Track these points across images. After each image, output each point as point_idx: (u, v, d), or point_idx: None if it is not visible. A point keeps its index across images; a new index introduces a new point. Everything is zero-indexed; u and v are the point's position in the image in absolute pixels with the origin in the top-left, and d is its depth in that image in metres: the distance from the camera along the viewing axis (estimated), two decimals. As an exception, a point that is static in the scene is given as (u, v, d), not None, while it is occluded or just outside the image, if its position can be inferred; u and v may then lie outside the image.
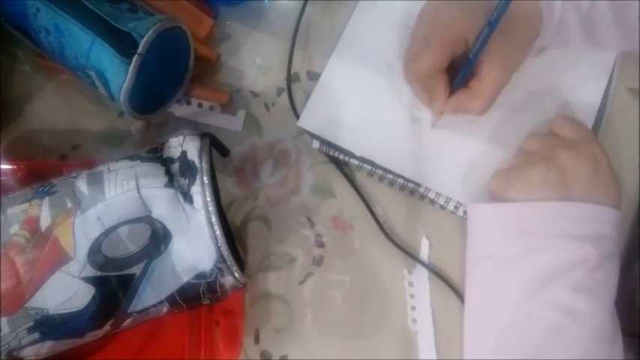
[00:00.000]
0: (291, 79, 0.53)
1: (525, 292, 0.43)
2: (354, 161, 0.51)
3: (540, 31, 0.47)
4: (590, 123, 0.51)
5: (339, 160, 0.51)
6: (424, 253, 0.51)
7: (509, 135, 0.50)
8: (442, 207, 0.50)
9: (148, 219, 0.38)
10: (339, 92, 0.52)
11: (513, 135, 0.50)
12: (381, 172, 0.50)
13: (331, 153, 0.51)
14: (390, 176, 0.50)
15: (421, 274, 0.50)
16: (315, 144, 0.51)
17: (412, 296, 0.50)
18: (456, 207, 0.50)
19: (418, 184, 0.50)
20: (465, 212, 0.49)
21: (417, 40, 0.47)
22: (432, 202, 0.51)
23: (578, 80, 0.52)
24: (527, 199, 0.44)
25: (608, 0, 0.45)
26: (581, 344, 0.41)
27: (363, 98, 0.52)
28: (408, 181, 0.50)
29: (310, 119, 0.51)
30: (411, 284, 0.50)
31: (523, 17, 0.45)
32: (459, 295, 0.49)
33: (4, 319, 0.36)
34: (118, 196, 0.38)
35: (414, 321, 0.49)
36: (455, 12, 0.45)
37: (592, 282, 0.42)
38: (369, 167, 0.51)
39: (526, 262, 0.43)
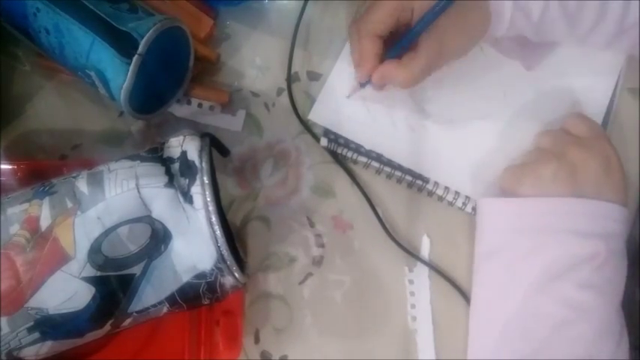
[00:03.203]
0: (291, 78, 0.53)
1: (532, 287, 0.43)
2: (361, 158, 0.51)
3: (487, 30, 0.46)
4: (598, 122, 0.51)
5: (345, 157, 0.51)
6: (425, 251, 0.51)
7: (519, 132, 0.51)
8: (450, 203, 0.51)
9: (148, 219, 0.38)
10: (349, 86, 0.52)
11: (524, 132, 0.51)
12: (389, 169, 0.51)
13: (339, 150, 0.51)
14: (398, 173, 0.51)
15: (422, 272, 0.50)
16: (323, 141, 0.51)
17: (412, 294, 0.50)
18: (464, 203, 0.50)
19: (426, 180, 0.50)
20: (473, 209, 0.50)
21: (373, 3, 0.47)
22: (440, 198, 0.51)
23: (587, 80, 0.52)
24: (537, 195, 0.44)
25: (560, 7, 0.45)
26: (587, 340, 0.42)
27: (373, 93, 0.52)
28: (417, 176, 0.50)
29: (321, 112, 0.52)
30: (411, 282, 0.50)
31: (474, 11, 0.45)
32: (461, 292, 0.49)
33: (4, 319, 0.36)
34: (118, 196, 0.38)
35: (414, 319, 0.49)
36: None
37: (599, 278, 0.42)
38: (376, 165, 0.51)
39: (534, 258, 0.44)
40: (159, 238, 0.38)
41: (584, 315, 0.42)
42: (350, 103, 0.52)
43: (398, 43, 0.46)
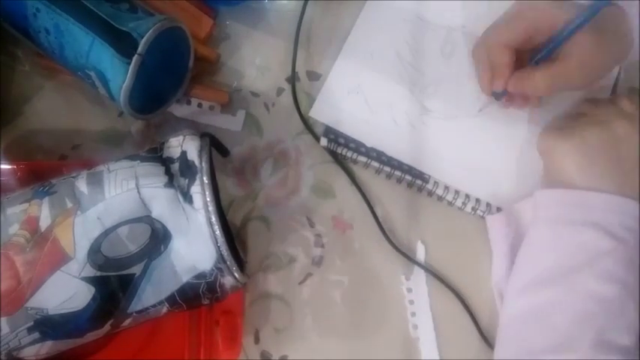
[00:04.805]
0: (292, 78, 0.53)
1: (552, 278, 0.42)
2: (361, 158, 0.51)
3: (628, 53, 0.47)
4: None
5: (345, 157, 0.51)
6: (420, 257, 0.51)
7: (519, 130, 0.51)
8: (450, 203, 0.51)
9: (147, 219, 0.38)
10: (350, 84, 0.53)
11: (524, 130, 0.51)
12: (388, 168, 0.51)
13: (339, 150, 0.51)
14: (397, 173, 0.51)
15: (419, 279, 0.50)
16: (323, 141, 0.51)
17: (411, 302, 0.50)
18: (464, 203, 0.50)
19: (426, 180, 0.50)
20: (473, 208, 0.50)
21: (501, 18, 0.48)
22: (440, 198, 0.51)
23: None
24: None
25: None
26: (608, 332, 0.40)
27: (373, 89, 0.52)
28: (416, 176, 0.50)
29: (322, 109, 0.52)
30: (409, 290, 0.50)
31: (615, 29, 0.45)
32: (458, 296, 0.49)
33: (3, 319, 0.36)
34: (117, 196, 0.38)
35: (415, 327, 0.49)
36: (544, 2, 0.45)
37: (621, 271, 0.42)
38: (376, 164, 0.51)
39: (552, 248, 0.43)
40: (158, 238, 0.38)
41: (607, 307, 0.41)
42: (350, 99, 0.52)
43: (538, 51, 0.46)
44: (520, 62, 0.47)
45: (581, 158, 0.44)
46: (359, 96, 0.52)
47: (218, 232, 0.38)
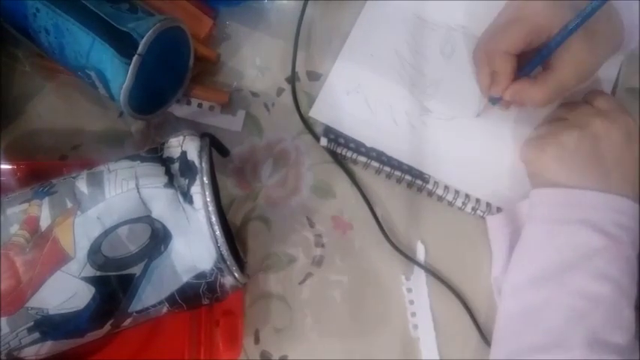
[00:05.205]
0: (292, 78, 0.53)
1: (546, 277, 0.43)
2: (361, 158, 0.51)
3: (621, 43, 0.47)
4: None
5: (345, 157, 0.51)
6: (420, 258, 0.51)
7: (519, 129, 0.51)
8: (450, 203, 0.51)
9: (147, 219, 0.38)
10: (349, 84, 0.53)
11: (524, 129, 0.51)
12: (388, 168, 0.51)
13: (338, 150, 0.51)
14: (397, 173, 0.51)
15: (419, 280, 0.50)
16: (323, 141, 0.51)
17: (412, 302, 0.50)
18: (464, 203, 0.50)
19: (426, 180, 0.50)
20: (473, 208, 0.50)
21: (498, 22, 0.47)
22: (440, 198, 0.51)
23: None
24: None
25: None
26: (602, 330, 0.40)
27: (373, 90, 0.52)
28: (416, 176, 0.50)
29: (322, 109, 0.52)
30: (409, 290, 0.50)
31: (606, 25, 0.45)
32: (458, 296, 0.49)
33: (4, 319, 0.36)
34: (117, 196, 0.38)
35: (415, 327, 0.49)
36: (543, 3, 0.44)
37: (615, 270, 0.42)
38: (376, 164, 0.51)
39: (547, 247, 0.44)
40: (159, 238, 0.38)
41: (599, 306, 0.41)
42: (350, 99, 0.52)
43: (531, 61, 0.46)
44: (519, 64, 0.47)
45: (562, 164, 0.45)
46: (359, 96, 0.52)
47: (218, 232, 0.38)
